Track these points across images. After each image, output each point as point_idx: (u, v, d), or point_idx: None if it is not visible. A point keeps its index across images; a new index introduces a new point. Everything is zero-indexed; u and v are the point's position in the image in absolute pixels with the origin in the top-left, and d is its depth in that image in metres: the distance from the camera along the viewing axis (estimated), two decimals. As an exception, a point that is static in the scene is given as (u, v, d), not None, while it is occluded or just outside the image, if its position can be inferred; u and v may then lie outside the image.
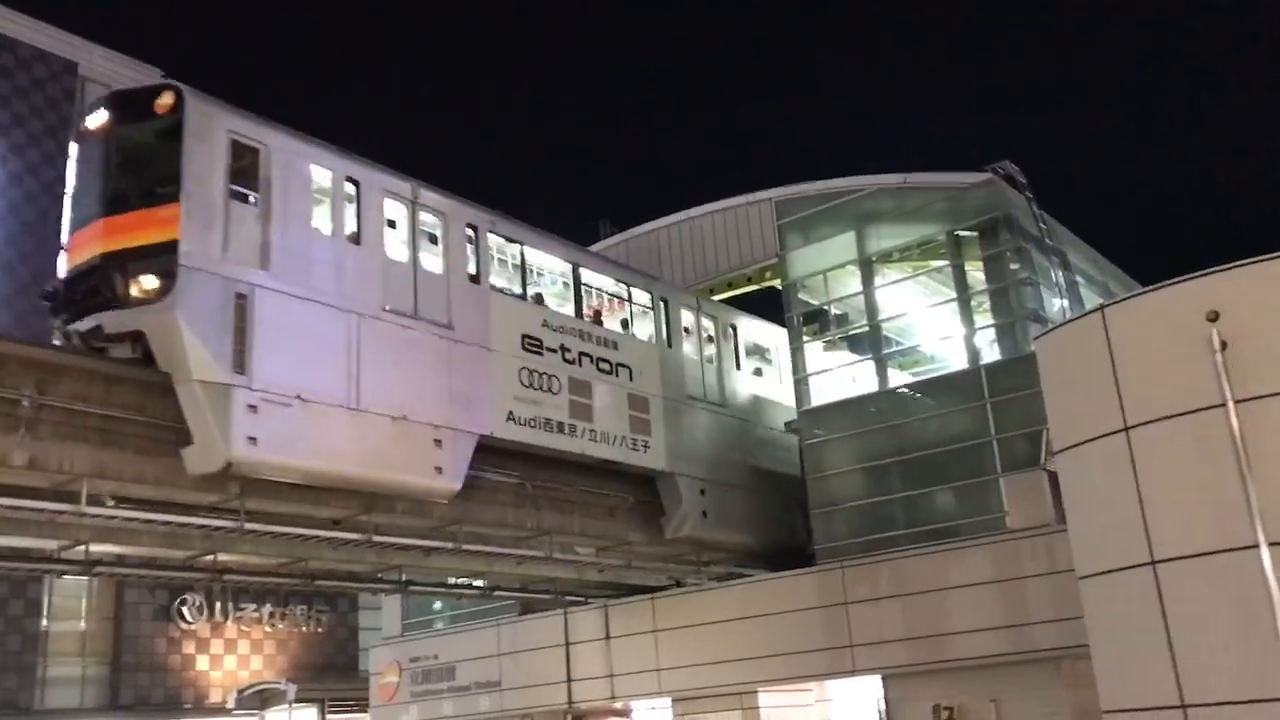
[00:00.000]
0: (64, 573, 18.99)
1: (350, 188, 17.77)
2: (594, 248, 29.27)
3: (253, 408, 15.28)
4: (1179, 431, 12.27)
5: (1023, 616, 20.70)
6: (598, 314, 23.02)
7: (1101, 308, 13.52)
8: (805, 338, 26.49)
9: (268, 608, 39.64)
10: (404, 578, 22.72)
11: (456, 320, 18.70)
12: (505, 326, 19.72)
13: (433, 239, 18.95)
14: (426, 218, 18.88)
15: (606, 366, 21.72)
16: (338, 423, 16.41)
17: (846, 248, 26.02)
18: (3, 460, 14.05)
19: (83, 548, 16.60)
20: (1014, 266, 23.90)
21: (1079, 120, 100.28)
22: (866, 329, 25.67)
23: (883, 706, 22.88)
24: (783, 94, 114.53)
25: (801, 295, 26.82)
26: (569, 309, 21.89)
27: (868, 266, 25.70)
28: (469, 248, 19.55)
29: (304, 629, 40.77)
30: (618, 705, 28.42)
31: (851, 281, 26.22)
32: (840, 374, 26.35)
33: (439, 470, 17.75)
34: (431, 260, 18.84)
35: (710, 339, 25.30)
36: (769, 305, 28.17)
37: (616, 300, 23.56)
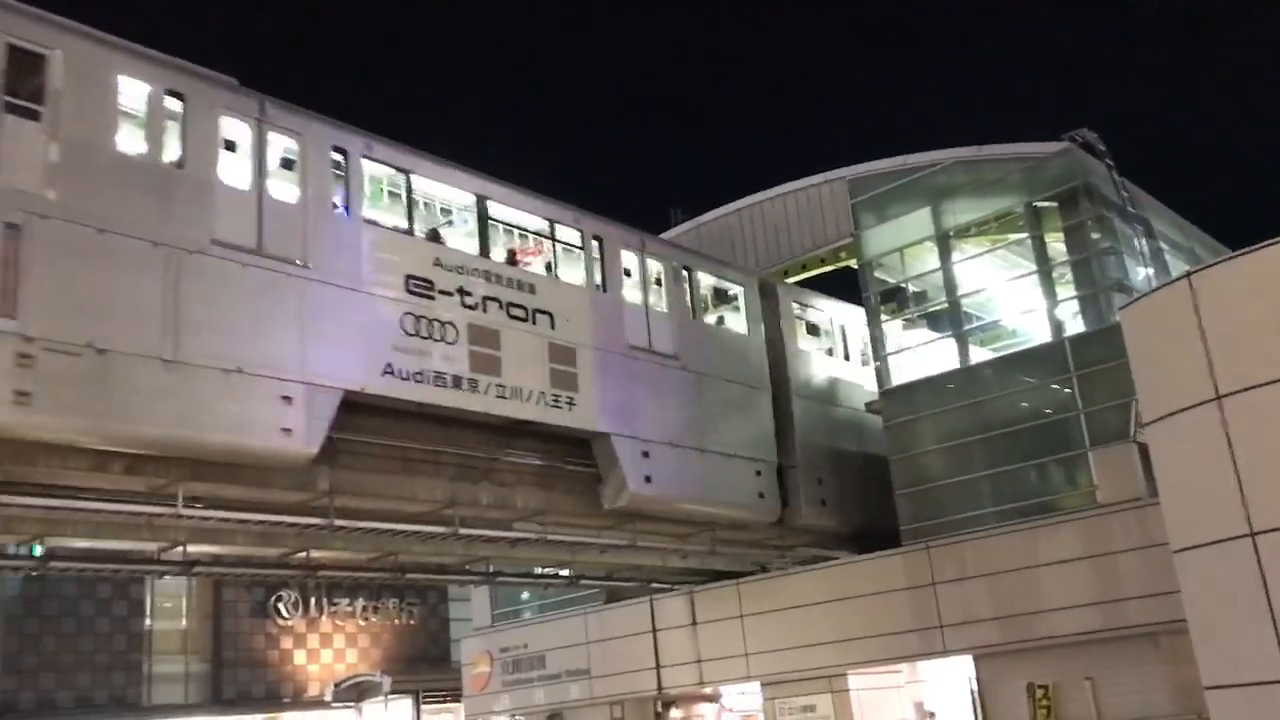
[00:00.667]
0: (164, 573, 19.58)
1: (174, 103, 15.27)
2: (665, 235, 29.27)
3: (26, 357, 13.00)
4: (1273, 399, 11.95)
5: (1116, 592, 20.31)
6: (512, 255, 19.93)
7: (1189, 274, 13.22)
8: (883, 316, 26.25)
9: (360, 602, 40.47)
10: (491, 568, 23.02)
11: (315, 257, 16.02)
12: (384, 266, 17.02)
13: (288, 164, 16.49)
14: (279, 139, 16.32)
15: (520, 313, 18.71)
16: (147, 377, 14.01)
17: (922, 224, 25.72)
18: (103, 467, 14.48)
19: (181, 548, 17.09)
20: (1095, 236, 23.44)
21: (1159, 83, 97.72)
22: (945, 305, 25.37)
23: (975, 686, 22.63)
24: (854, 76, 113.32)
25: (878, 274, 26.59)
26: (475, 247, 18.98)
27: (945, 242, 25.38)
28: (335, 175, 16.93)
29: (396, 622, 41.54)
30: (707, 690, 28.51)
31: (928, 258, 25.90)
32: (919, 352, 26.06)
33: (287, 432, 15.13)
34: (284, 189, 16.32)
35: (659, 283, 22.11)
36: (845, 286, 27.97)
37: (543, 240, 20.51)
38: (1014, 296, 25.73)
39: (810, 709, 24.78)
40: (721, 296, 24.08)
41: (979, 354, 25.84)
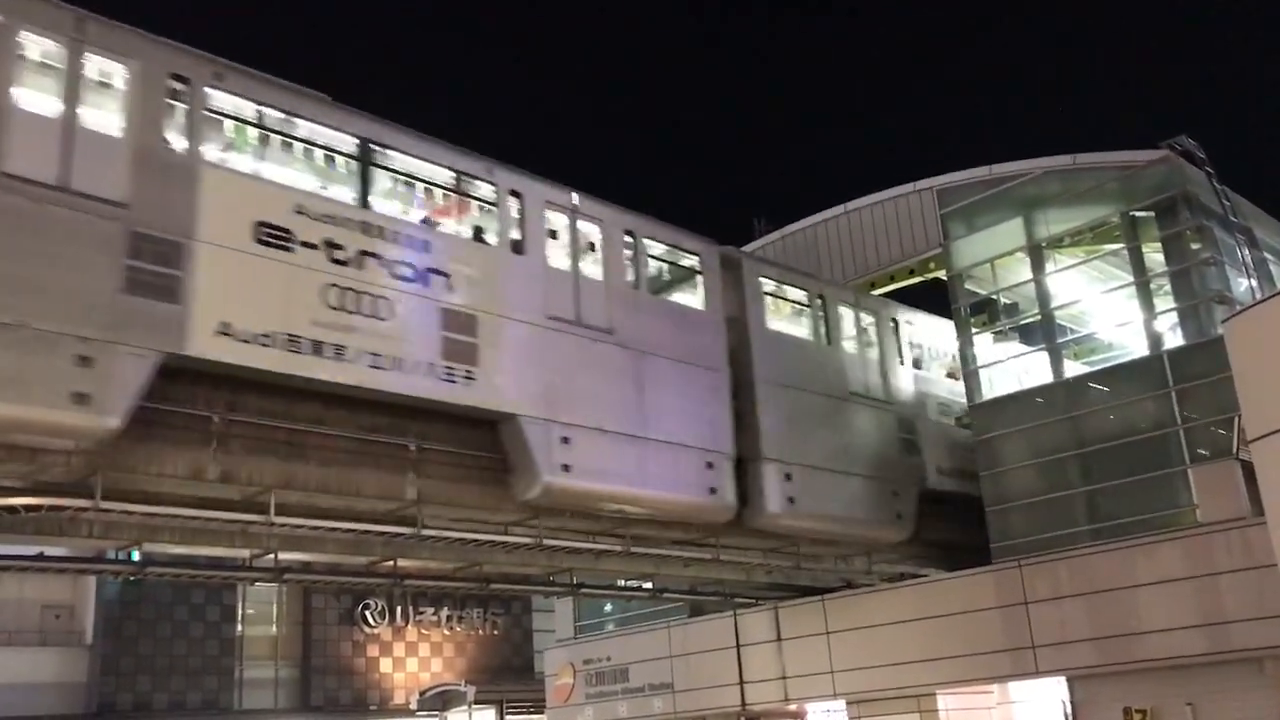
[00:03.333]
0: (255, 579, 19.96)
1: None
2: (748, 247, 29.15)
3: None
4: (1391, 414, 11.45)
5: (1219, 614, 19.64)
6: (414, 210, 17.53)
7: (1297, 285, 12.73)
8: (974, 329, 25.81)
9: (445, 611, 40.96)
10: (575, 580, 23.07)
11: (136, 199, 13.91)
12: (227, 211, 14.73)
13: (104, 86, 14.49)
14: (96, 63, 14.25)
15: (408, 272, 16.32)
16: None
17: (1014, 234, 25.28)
18: (198, 474, 14.80)
19: (272, 556, 17.39)
20: (1195, 246, 22.81)
21: (1261, 86, 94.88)
22: (1038, 317, 24.86)
23: (1069, 709, 22.06)
24: (943, 84, 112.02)
25: (968, 285, 26.16)
26: (356, 195, 16.46)
27: (1037, 253, 24.89)
28: (169, 106, 14.72)
29: (481, 632, 41.93)
30: (791, 707, 28.22)
31: (1020, 269, 25.42)
32: (1010, 366, 25.56)
33: (82, 399, 12.97)
34: (103, 119, 14.24)
35: (592, 247, 19.45)
36: (935, 298, 27.57)
37: (469, 200, 18.10)
38: (1109, 309, 25.14)
39: (899, 728, 24.39)
40: (676, 268, 21.25)
41: (1072, 368, 25.25)
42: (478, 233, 17.75)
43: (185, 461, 14.64)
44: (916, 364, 25.70)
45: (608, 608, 34.05)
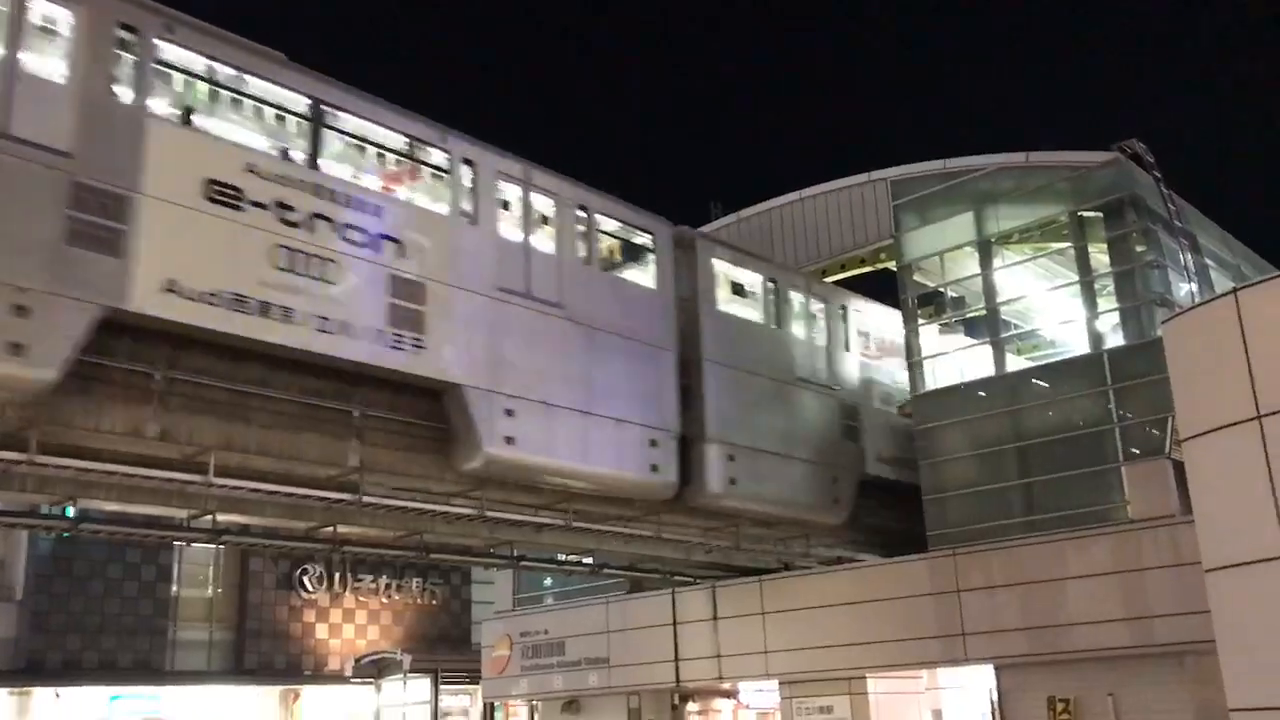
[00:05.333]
0: (192, 540, 19.74)
1: None
2: (705, 228, 29.21)
3: None
4: (1316, 421, 11.76)
5: (1144, 609, 20.10)
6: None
7: (1235, 290, 13.02)
8: (920, 320, 26.10)
9: (384, 579, 40.76)
10: (516, 553, 23.08)
11: (81, 149, 13.58)
12: (176, 166, 14.46)
13: (49, 32, 14.18)
14: (41, 7, 13.95)
15: (359, 237, 16.09)
16: None
17: (964, 229, 25.58)
18: (137, 431, 14.62)
19: (210, 517, 17.23)
20: (1140, 248, 23.20)
21: (1208, 94, 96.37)
22: (984, 312, 25.19)
23: (995, 696, 22.48)
24: (898, 76, 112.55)
25: (917, 277, 26.44)
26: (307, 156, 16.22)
27: (986, 248, 25.20)
28: (117, 56, 14.40)
29: (419, 601, 41.80)
30: (725, 686, 28.49)
31: (969, 263, 25.72)
32: (953, 359, 25.89)
33: (17, 349, 12.69)
34: (48, 65, 13.91)
35: (545, 220, 19.14)
36: (885, 287, 27.81)
37: (410, 162, 17.71)
38: (1054, 306, 25.52)
39: (828, 710, 24.71)
40: (629, 245, 21.09)
41: (1014, 363, 25.63)
42: (430, 200, 17.49)
43: (124, 418, 14.50)
44: (863, 352, 25.96)
45: (547, 581, 34.11)
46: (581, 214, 19.71)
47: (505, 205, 18.52)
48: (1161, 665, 19.89)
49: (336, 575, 39.70)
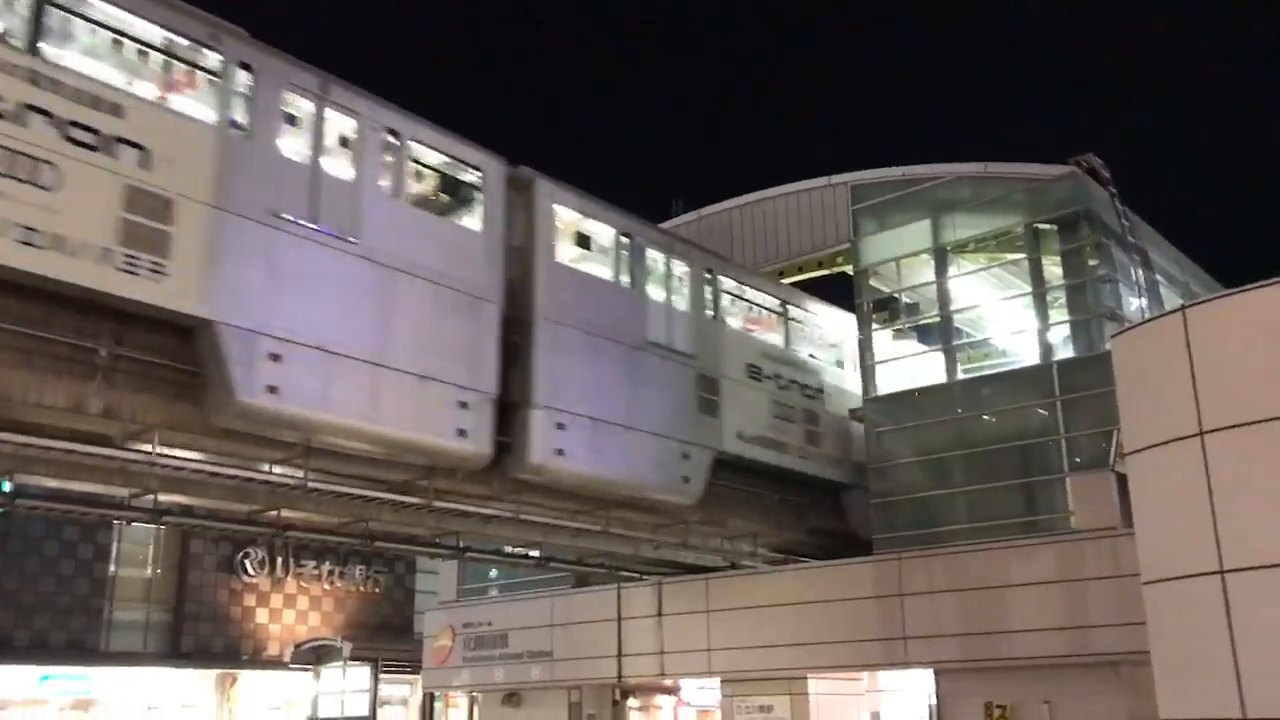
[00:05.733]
0: (133, 519, 19.45)
1: None
2: (665, 224, 29.20)
3: None
4: (1257, 439, 11.93)
5: (1083, 619, 20.36)
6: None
7: (1183, 308, 13.19)
8: (874, 325, 26.27)
9: (327, 566, 40.42)
10: (461, 544, 22.97)
11: None
12: None
13: None
14: None
15: (88, 138, 13.80)
16: None
17: (921, 235, 25.76)
18: (79, 408, 14.30)
19: (152, 497, 16.97)
20: (1093, 263, 23.49)
21: (1171, 109, 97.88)
22: (937, 319, 25.40)
23: (933, 701, 22.68)
24: (862, 81, 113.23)
25: (873, 282, 26.61)
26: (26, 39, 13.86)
27: (942, 256, 25.41)
28: None
29: (362, 589, 41.50)
30: (666, 682, 28.53)
31: (924, 270, 25.92)
32: (906, 364, 26.08)
33: None
34: None
35: (346, 142, 16.89)
36: (840, 291, 27.95)
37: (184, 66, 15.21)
38: (1006, 316, 25.79)
39: (768, 709, 24.81)
40: (453, 181, 18.75)
41: (966, 372, 25.87)
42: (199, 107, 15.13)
43: (64, 393, 14.16)
44: (733, 321, 24.04)
45: (493, 573, 33.98)
46: (391, 140, 17.44)
47: (292, 120, 16.32)
48: (1098, 674, 20.13)
49: (279, 560, 39.32)
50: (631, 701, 29.33)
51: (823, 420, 25.66)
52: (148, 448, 15.14)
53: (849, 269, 27.40)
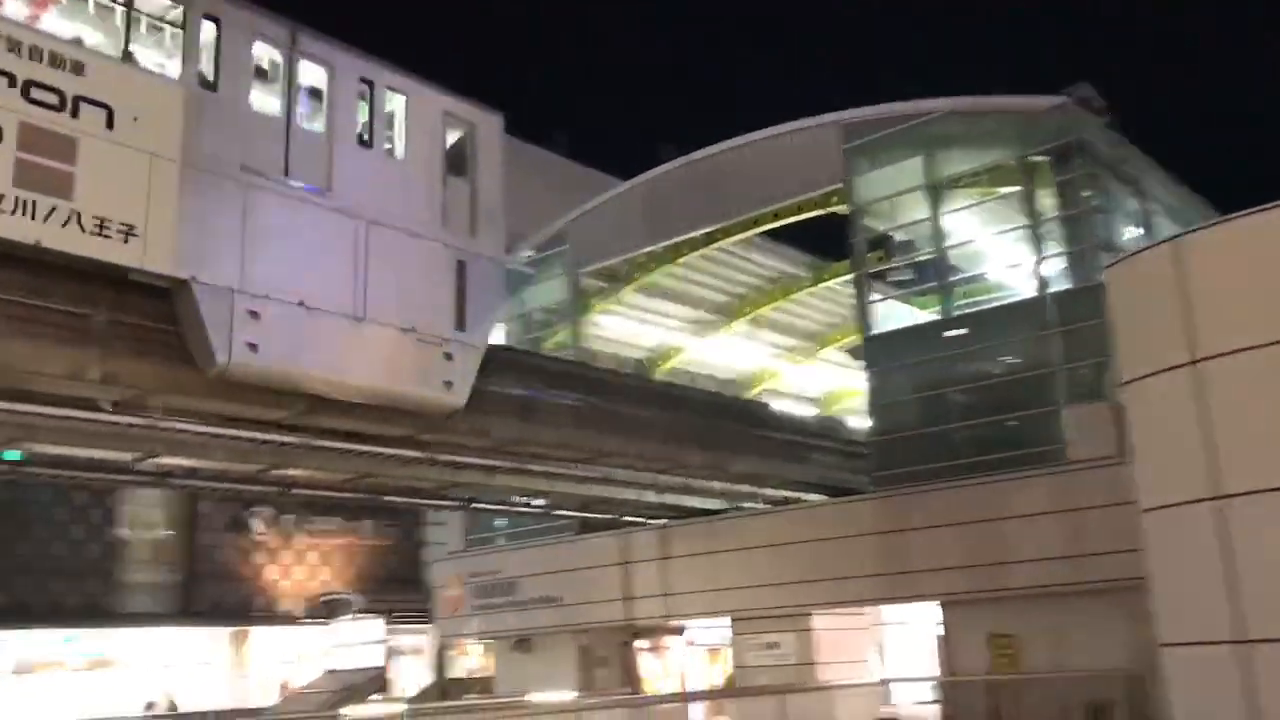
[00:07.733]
0: (139, 483, 19.57)
1: None
2: (651, 172, 29.02)
3: None
4: (1251, 366, 11.98)
5: (1082, 548, 20.57)
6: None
7: (1175, 237, 13.19)
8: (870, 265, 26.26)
9: (337, 521, 40.67)
10: (468, 495, 23.11)
11: None
12: None
13: None
14: None
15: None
16: None
17: (914, 173, 25.62)
18: (79, 375, 14.32)
19: (156, 460, 17.06)
20: (1087, 193, 23.40)
21: (1170, 38, 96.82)
22: (932, 255, 25.38)
23: (941, 632, 22.99)
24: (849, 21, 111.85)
25: (867, 221, 26.51)
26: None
27: (935, 192, 25.30)
28: None
29: (372, 542, 41.81)
30: (673, 624, 28.88)
31: (918, 207, 25.83)
32: (901, 302, 26.13)
33: None
34: None
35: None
36: (835, 231, 27.86)
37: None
38: (1002, 251, 25.75)
39: (775, 645, 25.17)
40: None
41: (962, 307, 25.89)
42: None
43: (64, 361, 14.13)
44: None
45: (499, 523, 34.24)
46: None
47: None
48: (1099, 602, 20.39)
49: (288, 517, 39.60)
50: (640, 643, 29.71)
51: None
52: (151, 411, 15.23)
53: (842, 209, 27.29)
